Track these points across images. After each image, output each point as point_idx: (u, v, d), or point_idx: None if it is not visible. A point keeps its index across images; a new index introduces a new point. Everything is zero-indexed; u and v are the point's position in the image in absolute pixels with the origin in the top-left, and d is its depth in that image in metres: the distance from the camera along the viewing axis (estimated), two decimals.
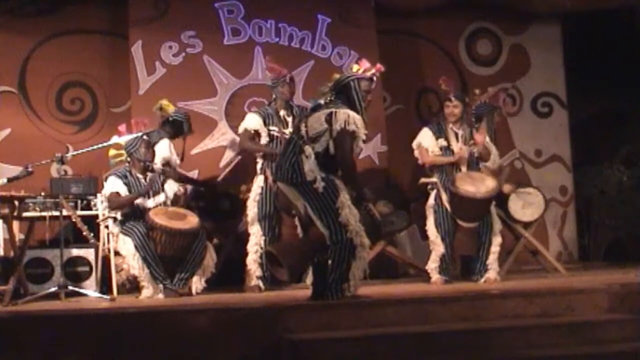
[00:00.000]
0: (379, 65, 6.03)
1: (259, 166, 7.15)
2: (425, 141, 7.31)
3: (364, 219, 5.81)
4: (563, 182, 9.49)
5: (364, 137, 5.80)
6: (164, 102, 7.42)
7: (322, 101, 5.86)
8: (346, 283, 5.67)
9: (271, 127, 7.13)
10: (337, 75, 6.02)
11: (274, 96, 7.27)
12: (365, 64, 5.98)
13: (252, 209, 7.06)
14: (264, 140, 7.16)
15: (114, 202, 6.79)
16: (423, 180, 7.37)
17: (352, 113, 5.75)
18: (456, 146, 7.25)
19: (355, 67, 6.00)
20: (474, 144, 7.26)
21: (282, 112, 7.18)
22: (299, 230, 6.00)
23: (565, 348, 5.27)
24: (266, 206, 7.02)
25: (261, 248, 7.00)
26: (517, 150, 9.39)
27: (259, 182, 7.09)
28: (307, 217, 5.74)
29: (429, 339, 5.27)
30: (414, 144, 7.38)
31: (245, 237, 7.24)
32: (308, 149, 5.70)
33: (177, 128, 7.38)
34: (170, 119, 7.37)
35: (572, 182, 9.51)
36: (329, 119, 5.71)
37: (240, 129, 7.28)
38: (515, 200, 7.76)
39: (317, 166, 5.67)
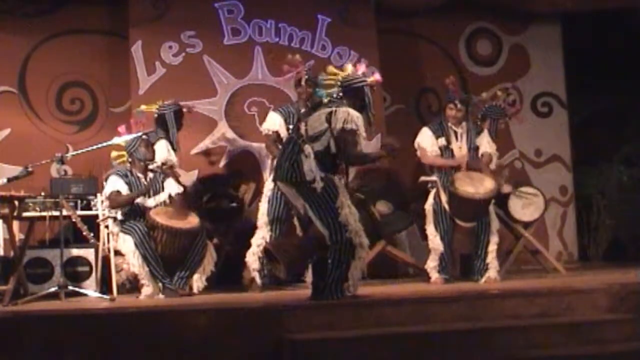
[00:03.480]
0: (378, 77, 6.02)
1: (269, 164, 7.12)
2: (425, 141, 7.32)
3: (364, 219, 5.82)
4: (563, 182, 9.50)
5: (364, 135, 5.82)
6: (143, 106, 7.38)
7: (325, 99, 5.86)
8: (346, 283, 5.68)
9: (291, 126, 7.06)
10: (334, 69, 5.99)
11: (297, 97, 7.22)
12: (362, 67, 5.98)
13: (263, 205, 6.95)
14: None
15: (115, 200, 6.80)
16: (423, 178, 7.38)
17: (352, 111, 5.75)
18: (455, 145, 7.26)
19: (350, 68, 5.98)
20: (476, 146, 7.29)
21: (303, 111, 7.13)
22: (298, 230, 6.01)
23: (565, 348, 5.28)
24: (278, 207, 6.94)
25: (266, 242, 6.96)
26: (517, 150, 9.40)
27: (269, 184, 7.03)
28: (307, 217, 5.74)
29: (429, 339, 5.27)
30: (415, 144, 7.39)
31: (245, 236, 7.23)
32: (307, 148, 5.70)
33: (163, 122, 7.34)
34: (156, 116, 7.35)
35: (572, 182, 9.52)
36: (329, 117, 5.72)
37: (264, 129, 7.20)
38: (515, 200, 7.77)
39: (316, 166, 5.67)
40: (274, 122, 7.11)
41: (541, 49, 9.55)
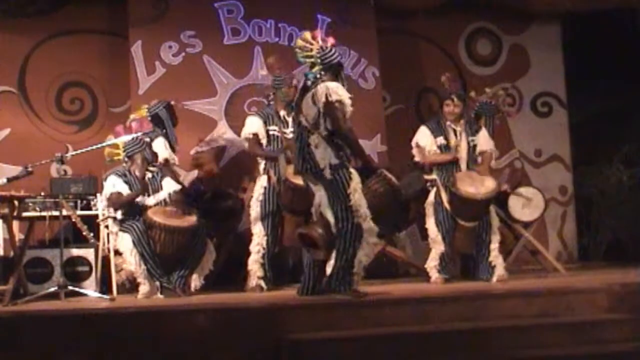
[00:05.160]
0: (332, 41, 6.10)
1: (261, 166, 7.15)
2: (423, 140, 7.33)
3: (382, 187, 5.88)
4: (563, 182, 9.50)
5: (349, 102, 5.87)
6: (132, 115, 7.38)
7: (309, 82, 5.91)
8: (352, 274, 5.72)
9: (271, 127, 7.12)
10: (303, 42, 6.02)
11: (271, 96, 7.25)
12: (331, 40, 6.07)
13: (254, 209, 7.06)
14: (264, 141, 7.14)
15: (116, 201, 6.81)
16: (424, 177, 7.38)
17: (330, 84, 5.83)
18: (454, 143, 7.25)
19: (308, 36, 6.02)
20: (475, 144, 7.28)
21: (282, 112, 7.17)
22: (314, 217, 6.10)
23: (565, 348, 5.28)
24: (269, 205, 7.02)
25: (263, 248, 7.01)
26: (517, 150, 9.39)
27: (261, 182, 7.08)
28: (319, 206, 5.83)
29: (429, 339, 5.28)
30: (413, 143, 7.39)
31: (245, 236, 7.25)
32: (314, 139, 5.76)
33: (159, 121, 7.35)
34: (149, 117, 7.35)
35: (572, 182, 9.51)
36: (314, 99, 5.79)
37: (244, 134, 7.25)
38: (515, 200, 7.77)
39: (329, 152, 5.72)
40: (253, 125, 7.14)
41: (541, 49, 9.54)
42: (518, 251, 7.97)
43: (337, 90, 5.80)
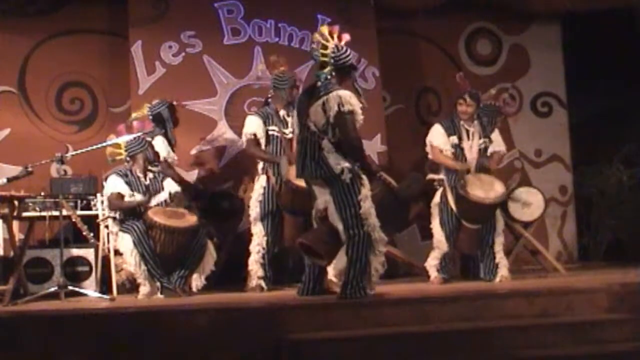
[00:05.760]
0: (347, 37, 6.09)
1: (260, 166, 7.14)
2: (437, 139, 7.28)
3: (382, 192, 5.86)
4: (563, 182, 9.49)
5: (360, 112, 5.84)
6: (134, 114, 7.40)
7: (319, 82, 5.87)
8: (366, 280, 5.71)
9: (270, 127, 7.11)
10: (322, 40, 5.98)
11: (271, 95, 7.23)
12: (346, 37, 6.03)
13: (254, 209, 7.05)
14: (263, 141, 7.13)
15: (115, 204, 6.81)
16: (431, 176, 7.38)
17: (343, 93, 5.76)
18: (467, 144, 7.23)
19: (325, 30, 5.98)
20: (486, 146, 7.27)
21: (282, 112, 7.17)
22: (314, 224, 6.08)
23: (565, 348, 5.28)
24: (268, 206, 7.02)
25: (263, 248, 7.00)
26: (517, 150, 9.39)
27: (261, 182, 7.07)
28: (324, 212, 5.80)
29: (429, 339, 5.28)
30: (427, 141, 7.36)
31: (245, 236, 7.25)
32: (326, 144, 5.74)
33: (160, 120, 7.37)
34: (151, 116, 7.36)
35: (571, 182, 9.52)
36: (324, 108, 5.74)
37: (243, 134, 7.25)
38: (515, 200, 7.76)
39: (341, 157, 5.70)
40: (253, 125, 7.12)
41: (541, 49, 9.54)
42: (518, 251, 7.97)
43: (350, 100, 5.73)
